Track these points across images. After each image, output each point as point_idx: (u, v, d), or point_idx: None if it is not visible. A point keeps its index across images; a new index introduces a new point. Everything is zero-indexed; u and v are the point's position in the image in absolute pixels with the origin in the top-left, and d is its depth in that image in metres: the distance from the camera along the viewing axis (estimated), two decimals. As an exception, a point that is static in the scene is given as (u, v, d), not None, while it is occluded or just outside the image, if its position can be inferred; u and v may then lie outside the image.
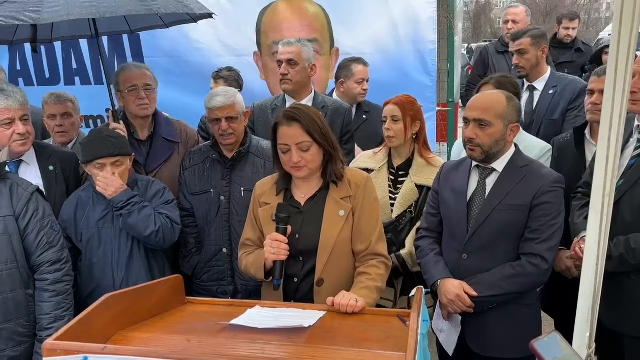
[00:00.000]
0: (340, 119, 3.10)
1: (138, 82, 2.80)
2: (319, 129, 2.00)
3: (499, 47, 4.80)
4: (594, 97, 2.49)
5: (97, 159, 2.37)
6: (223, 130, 2.58)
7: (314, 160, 2.01)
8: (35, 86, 4.64)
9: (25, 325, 2.20)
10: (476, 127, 2.09)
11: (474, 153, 2.14)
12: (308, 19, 4.50)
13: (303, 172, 2.02)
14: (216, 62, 4.44)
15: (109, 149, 2.37)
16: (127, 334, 1.62)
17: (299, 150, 1.98)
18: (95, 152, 2.37)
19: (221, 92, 2.64)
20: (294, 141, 1.98)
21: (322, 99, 3.20)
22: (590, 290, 1.53)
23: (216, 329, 1.62)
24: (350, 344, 1.51)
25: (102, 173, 2.36)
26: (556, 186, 2.08)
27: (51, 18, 2.41)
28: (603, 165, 1.44)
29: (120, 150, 2.40)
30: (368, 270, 2.02)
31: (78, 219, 2.48)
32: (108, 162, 2.37)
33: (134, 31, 3.30)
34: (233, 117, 2.60)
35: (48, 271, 2.22)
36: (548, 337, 1.06)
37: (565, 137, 2.77)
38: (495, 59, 4.72)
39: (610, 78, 1.36)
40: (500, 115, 2.08)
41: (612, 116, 1.39)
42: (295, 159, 1.98)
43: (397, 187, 2.63)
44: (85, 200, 2.50)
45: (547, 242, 2.06)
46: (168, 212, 2.49)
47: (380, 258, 2.06)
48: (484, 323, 2.16)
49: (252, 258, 2.10)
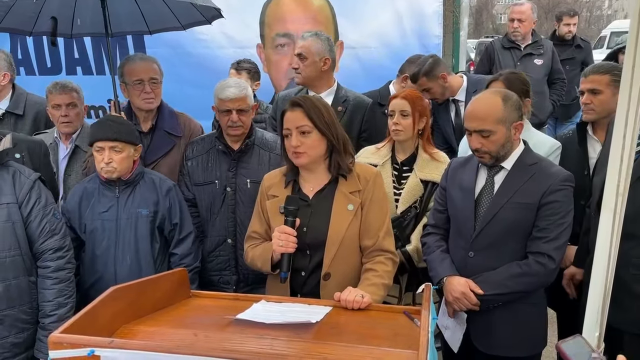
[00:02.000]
0: (360, 115, 3.10)
1: (144, 76, 2.78)
2: (322, 116, 1.99)
3: (505, 43, 4.82)
4: (584, 97, 2.52)
5: (96, 141, 2.37)
6: (233, 122, 2.58)
7: (313, 146, 1.99)
8: (37, 75, 4.62)
9: (28, 312, 2.21)
10: (479, 137, 2.07)
11: (483, 160, 2.12)
12: (312, 11, 4.48)
13: (302, 158, 2.00)
14: (219, 53, 4.42)
15: (107, 133, 2.35)
16: (132, 328, 1.60)
17: (299, 134, 1.98)
18: (95, 134, 2.39)
19: (233, 84, 2.63)
20: (294, 124, 1.99)
21: (345, 92, 3.16)
22: (600, 290, 1.52)
23: (222, 323, 1.61)
24: (358, 341, 1.50)
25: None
26: (565, 185, 2.06)
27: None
28: (617, 164, 1.42)
29: (119, 136, 2.37)
30: (375, 267, 2.01)
31: (82, 209, 2.47)
32: (106, 145, 2.36)
33: (152, 32, 3.33)
34: (244, 109, 2.59)
35: (50, 258, 2.23)
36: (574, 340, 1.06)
37: (567, 133, 2.76)
38: (501, 55, 4.72)
39: (627, 77, 1.35)
40: (500, 119, 2.05)
41: (627, 115, 1.38)
42: (294, 142, 1.97)
43: (402, 183, 2.61)
44: (91, 191, 2.48)
45: (555, 241, 2.04)
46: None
47: (387, 254, 2.05)
48: (489, 321, 2.15)
49: (259, 250, 2.09)
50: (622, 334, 2.11)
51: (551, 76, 4.69)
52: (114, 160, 2.36)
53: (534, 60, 4.65)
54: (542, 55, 4.66)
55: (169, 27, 3.31)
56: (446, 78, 3.36)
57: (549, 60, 4.66)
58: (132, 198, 2.46)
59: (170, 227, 2.53)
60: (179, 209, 2.54)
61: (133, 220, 2.44)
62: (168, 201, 2.51)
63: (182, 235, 2.55)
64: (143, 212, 2.45)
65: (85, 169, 2.83)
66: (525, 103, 2.62)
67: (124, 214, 2.44)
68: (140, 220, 2.45)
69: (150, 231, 2.47)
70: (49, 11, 2.86)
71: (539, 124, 4.58)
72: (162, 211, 2.50)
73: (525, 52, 4.70)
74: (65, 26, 3.05)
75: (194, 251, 2.58)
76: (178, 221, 2.53)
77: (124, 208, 2.45)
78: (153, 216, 2.48)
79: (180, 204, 2.56)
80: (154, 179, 2.54)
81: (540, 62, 4.65)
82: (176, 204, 2.53)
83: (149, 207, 2.47)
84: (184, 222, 2.56)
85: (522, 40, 4.75)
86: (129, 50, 4.49)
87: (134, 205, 2.45)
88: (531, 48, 4.71)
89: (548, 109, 4.63)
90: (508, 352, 2.16)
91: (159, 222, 2.50)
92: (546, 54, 4.67)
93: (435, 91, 3.38)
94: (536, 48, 4.70)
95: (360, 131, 3.08)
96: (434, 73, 3.32)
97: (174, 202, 2.53)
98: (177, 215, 2.53)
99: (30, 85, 3.66)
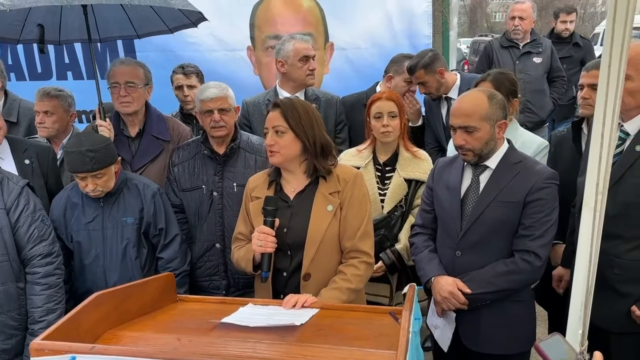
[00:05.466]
0: (333, 110, 3.24)
1: (120, 79, 2.76)
2: (299, 118, 2.02)
3: (504, 42, 4.80)
4: (583, 91, 2.50)
5: (77, 173, 2.33)
6: (215, 122, 2.57)
7: (286, 146, 2.03)
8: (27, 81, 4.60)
9: (16, 318, 2.21)
10: (463, 133, 2.09)
11: (466, 157, 2.14)
12: (302, 13, 4.48)
13: (275, 158, 2.04)
14: (209, 56, 4.41)
15: (86, 166, 2.29)
16: (117, 333, 1.60)
17: (274, 133, 2.02)
18: (74, 167, 2.32)
19: (214, 85, 2.63)
20: (271, 124, 2.04)
21: (313, 91, 3.28)
22: (582, 287, 1.52)
23: (207, 327, 1.61)
24: (341, 343, 1.50)
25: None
26: (550, 182, 2.07)
27: (20, 4, 2.47)
28: (596, 163, 1.43)
29: (100, 165, 2.31)
30: (345, 270, 2.03)
31: (67, 219, 2.45)
32: (88, 175, 2.32)
33: (141, 36, 3.32)
34: (225, 109, 2.58)
35: (39, 264, 2.24)
36: (552, 338, 1.07)
37: (562, 131, 2.76)
38: (499, 54, 4.71)
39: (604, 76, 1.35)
40: (485, 117, 2.07)
41: (605, 114, 1.38)
42: (269, 140, 2.03)
43: (385, 183, 2.63)
44: (76, 201, 2.46)
45: (541, 238, 2.05)
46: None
47: (362, 257, 2.05)
48: (478, 320, 2.16)
49: (243, 251, 2.11)
50: (608, 334, 2.12)
51: (551, 74, 4.67)
52: (99, 185, 2.34)
53: (533, 58, 4.64)
54: (540, 53, 4.65)
55: (156, 31, 3.31)
56: (443, 73, 3.37)
57: (547, 58, 4.64)
58: (117, 207, 2.44)
59: (155, 232, 2.52)
60: (164, 214, 2.53)
61: (119, 229, 2.43)
62: (153, 206, 2.49)
63: (168, 240, 2.54)
64: (129, 221, 2.44)
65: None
66: (512, 103, 2.63)
67: (110, 223, 2.43)
68: (126, 229, 2.44)
69: (137, 238, 2.46)
70: (35, 19, 2.85)
71: (540, 122, 4.57)
72: (147, 217, 2.48)
73: (524, 51, 4.68)
74: (53, 33, 3.05)
75: (181, 255, 2.57)
76: (163, 226, 2.52)
77: (109, 217, 2.43)
78: (139, 223, 2.46)
79: (165, 208, 2.54)
80: (138, 184, 2.51)
81: (539, 60, 4.63)
82: (161, 209, 2.52)
83: (134, 214, 2.45)
84: (170, 227, 2.54)
85: (522, 38, 4.72)
86: (119, 55, 4.48)
87: (119, 214, 2.44)
88: (530, 46, 4.69)
89: (549, 106, 4.61)
90: (497, 349, 2.17)
91: (144, 228, 2.49)
92: (545, 52, 4.66)
93: (430, 85, 3.38)
94: (535, 46, 4.69)
95: (335, 126, 3.20)
96: (432, 67, 3.32)
97: (159, 207, 2.51)
98: (162, 219, 2.51)
99: (21, 91, 3.65)
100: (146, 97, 2.88)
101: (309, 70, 3.19)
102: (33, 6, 2.51)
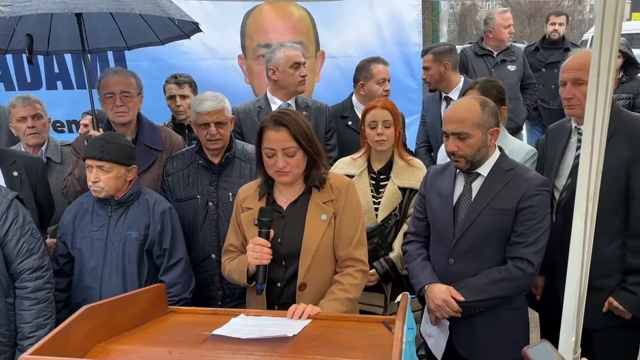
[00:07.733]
0: (323, 118, 3.26)
1: (115, 89, 2.74)
2: (305, 135, 1.99)
3: (478, 51, 4.84)
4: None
5: (85, 159, 2.35)
6: (211, 135, 2.55)
7: (298, 165, 2.00)
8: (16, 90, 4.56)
9: (5, 334, 2.16)
10: (456, 139, 2.09)
11: (458, 164, 2.14)
12: (293, 21, 4.49)
13: (287, 177, 2.01)
14: (200, 65, 4.40)
15: (93, 151, 2.31)
16: (107, 346, 1.58)
17: (284, 155, 1.97)
18: (85, 150, 2.37)
19: (210, 97, 2.60)
20: (281, 146, 1.97)
21: (303, 99, 3.30)
22: (575, 294, 1.53)
23: (198, 339, 1.59)
24: (335, 353, 1.49)
25: None
26: (541, 189, 2.08)
27: (20, 11, 2.46)
28: (587, 168, 1.44)
29: (104, 156, 2.30)
30: (342, 280, 2.01)
31: (76, 226, 2.42)
32: (94, 164, 2.31)
33: (130, 47, 3.31)
34: (222, 122, 2.57)
35: (29, 279, 2.19)
36: (540, 345, 1.07)
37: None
38: (474, 62, 4.76)
39: (593, 85, 1.37)
40: (477, 123, 2.08)
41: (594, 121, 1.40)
42: (281, 164, 1.97)
43: (380, 191, 2.62)
44: (86, 207, 2.44)
45: (533, 245, 2.05)
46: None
47: (358, 265, 2.04)
48: (472, 327, 2.15)
49: (235, 263, 2.08)
50: (590, 334, 2.12)
51: (523, 81, 4.73)
52: (101, 180, 2.31)
53: (507, 66, 4.69)
54: (514, 61, 4.71)
55: (147, 43, 3.29)
56: (448, 67, 3.51)
57: (521, 65, 4.71)
58: (124, 219, 2.39)
59: (159, 253, 2.42)
60: (171, 234, 2.42)
61: (122, 243, 2.37)
62: (160, 224, 2.40)
63: (172, 262, 2.42)
64: (133, 235, 2.37)
65: (65, 187, 2.78)
66: (501, 110, 2.63)
67: (114, 235, 2.38)
68: (129, 243, 2.37)
69: (139, 255, 2.38)
70: (24, 28, 2.83)
71: (517, 128, 4.62)
72: (152, 235, 2.39)
73: (498, 59, 4.73)
74: (42, 43, 3.03)
75: (184, 281, 2.42)
76: (168, 247, 2.41)
77: (114, 229, 2.38)
78: (143, 239, 2.38)
79: (173, 228, 2.44)
80: (149, 199, 2.44)
81: (513, 68, 4.69)
82: (168, 228, 2.42)
83: (139, 229, 2.38)
84: (175, 249, 2.43)
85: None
86: (109, 64, 4.45)
87: (125, 227, 2.38)
88: (504, 55, 4.75)
89: (524, 113, 4.67)
90: (491, 357, 2.16)
91: (147, 245, 2.40)
92: (518, 59, 4.72)
93: (432, 74, 3.54)
94: (508, 55, 4.75)
95: (325, 133, 3.22)
96: (440, 58, 3.49)
97: (167, 226, 2.42)
98: (167, 240, 2.41)
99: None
100: (138, 107, 2.87)
101: (301, 76, 3.20)
102: (33, 13, 2.50)
